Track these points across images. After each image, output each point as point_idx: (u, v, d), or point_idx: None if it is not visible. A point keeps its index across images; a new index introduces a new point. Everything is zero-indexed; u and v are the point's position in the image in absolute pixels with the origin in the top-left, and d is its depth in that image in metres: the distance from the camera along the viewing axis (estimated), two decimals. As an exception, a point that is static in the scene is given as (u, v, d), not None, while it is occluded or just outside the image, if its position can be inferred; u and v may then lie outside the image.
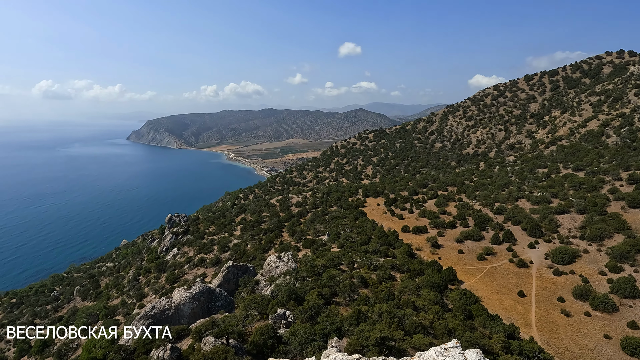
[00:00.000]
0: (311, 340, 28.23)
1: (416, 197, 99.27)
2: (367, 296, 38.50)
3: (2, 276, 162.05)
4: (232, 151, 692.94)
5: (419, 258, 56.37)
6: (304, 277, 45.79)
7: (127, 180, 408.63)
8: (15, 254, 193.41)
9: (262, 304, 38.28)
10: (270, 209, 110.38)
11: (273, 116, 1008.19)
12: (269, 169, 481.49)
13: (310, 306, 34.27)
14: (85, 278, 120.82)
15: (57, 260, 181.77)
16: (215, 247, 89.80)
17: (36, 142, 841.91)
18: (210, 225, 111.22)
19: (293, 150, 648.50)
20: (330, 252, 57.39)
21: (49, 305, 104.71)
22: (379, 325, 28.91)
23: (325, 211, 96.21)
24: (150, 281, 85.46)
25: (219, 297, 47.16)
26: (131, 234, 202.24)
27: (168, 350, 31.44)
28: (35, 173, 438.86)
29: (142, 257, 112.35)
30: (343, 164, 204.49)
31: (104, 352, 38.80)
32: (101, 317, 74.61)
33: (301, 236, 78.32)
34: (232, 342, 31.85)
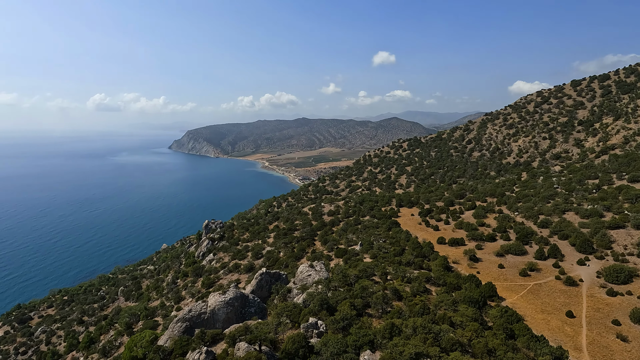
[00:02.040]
0: (343, 351, 27.86)
1: (452, 207, 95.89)
2: (400, 309, 37.47)
3: (57, 275, 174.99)
4: (266, 160, 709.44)
5: (455, 271, 54.14)
6: (336, 287, 45.46)
7: (168, 187, 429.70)
8: (69, 254, 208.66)
9: (294, 312, 38.39)
10: (303, 217, 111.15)
11: (306, 125, 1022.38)
12: (302, 177, 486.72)
13: (342, 317, 33.90)
14: (128, 279, 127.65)
15: (104, 262, 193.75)
16: (249, 253, 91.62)
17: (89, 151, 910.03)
18: (244, 232, 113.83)
19: (326, 159, 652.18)
20: (362, 263, 56.66)
21: (96, 303, 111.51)
22: (414, 340, 27.99)
23: (357, 220, 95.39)
24: (187, 285, 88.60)
25: (252, 303, 47.87)
26: (171, 239, 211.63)
27: (203, 354, 32.25)
28: (87, 179, 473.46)
29: (181, 262, 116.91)
30: (376, 173, 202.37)
31: (143, 351, 40.59)
32: (142, 318, 78.16)
33: (333, 245, 78.04)
34: (265, 349, 32.14)
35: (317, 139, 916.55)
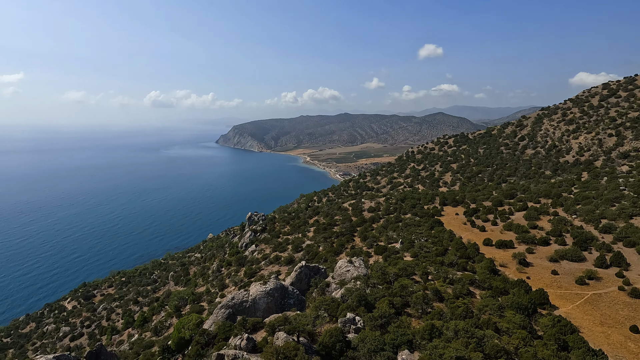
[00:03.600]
0: (380, 349, 27.66)
1: (501, 208, 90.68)
2: (441, 311, 36.35)
3: (116, 258, 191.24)
4: (307, 155, 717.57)
5: (502, 275, 51.31)
6: (375, 284, 45.11)
7: (215, 180, 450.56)
8: (128, 239, 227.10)
9: (332, 307, 38.72)
10: (343, 212, 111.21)
11: (348, 121, 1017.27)
12: (343, 173, 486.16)
13: (380, 314, 33.61)
14: (177, 265, 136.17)
15: (157, 248, 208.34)
16: (289, 246, 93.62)
17: (145, 145, 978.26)
18: (285, 225, 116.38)
19: (367, 155, 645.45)
20: (402, 261, 55.60)
21: (149, 286, 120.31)
22: (455, 343, 27.06)
23: (398, 218, 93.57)
24: (230, 273, 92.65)
25: (292, 295, 48.96)
26: (216, 229, 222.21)
27: (245, 340, 33.63)
28: (144, 171, 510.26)
29: (225, 251, 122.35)
30: (419, 170, 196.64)
31: (190, 333, 43.21)
32: (189, 302, 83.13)
33: (373, 242, 77.33)
34: (303, 340, 32.81)
35: (358, 134, 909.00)
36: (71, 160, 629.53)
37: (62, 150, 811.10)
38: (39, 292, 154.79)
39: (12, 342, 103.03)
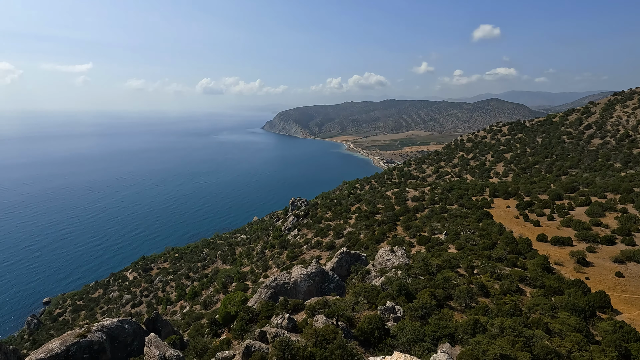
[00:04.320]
0: (420, 340, 27.37)
1: (560, 202, 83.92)
2: (486, 306, 34.96)
3: (171, 236, 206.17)
4: (351, 142, 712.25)
5: (557, 274, 47.89)
6: (416, 275, 44.38)
7: (260, 164, 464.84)
8: (181, 219, 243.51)
9: (371, 294, 38.82)
10: (386, 201, 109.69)
11: (394, 107, 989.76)
12: (387, 160, 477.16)
13: (421, 305, 33.14)
14: (225, 245, 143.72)
15: (207, 227, 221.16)
16: (330, 232, 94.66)
17: (197, 130, 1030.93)
18: (327, 211, 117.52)
19: (413, 143, 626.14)
20: (446, 253, 53.95)
21: (199, 263, 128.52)
22: (500, 341, 25.99)
23: (444, 208, 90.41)
24: (274, 255, 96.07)
25: (332, 280, 49.75)
26: (261, 212, 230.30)
27: (286, 320, 34.93)
28: (195, 155, 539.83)
29: (269, 234, 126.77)
30: (468, 159, 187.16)
31: (236, 309, 45.75)
32: (235, 280, 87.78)
33: (416, 232, 75.71)
34: (342, 324, 33.40)
35: (404, 121, 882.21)
36: (132, 143, 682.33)
37: (125, 134, 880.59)
38: (106, 263, 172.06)
39: (84, 305, 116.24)
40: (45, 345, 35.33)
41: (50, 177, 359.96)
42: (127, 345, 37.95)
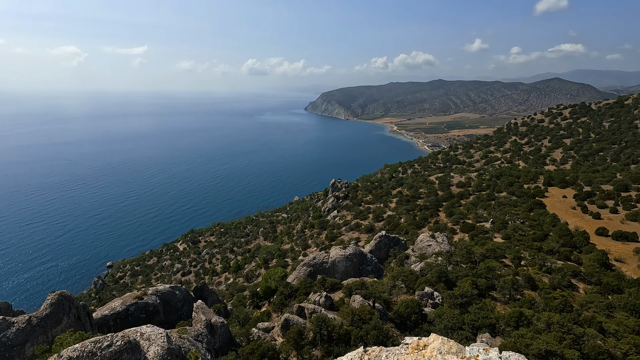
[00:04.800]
0: (459, 327, 26.89)
1: (626, 193, 76.22)
2: (533, 299, 33.32)
3: (218, 212, 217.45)
4: (395, 124, 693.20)
5: (617, 271, 44.11)
6: (458, 262, 43.19)
7: (302, 145, 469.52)
8: (227, 196, 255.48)
9: (410, 279, 38.52)
10: (429, 186, 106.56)
11: (442, 88, 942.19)
12: (432, 144, 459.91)
13: (461, 293, 32.37)
14: (267, 223, 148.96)
15: (250, 205, 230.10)
16: (370, 215, 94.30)
17: (242, 111, 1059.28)
18: (367, 194, 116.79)
19: (461, 126, 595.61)
20: (492, 242, 51.72)
21: (243, 238, 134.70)
22: (546, 336, 24.77)
23: (491, 196, 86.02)
24: (313, 235, 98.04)
25: (370, 262, 49.94)
26: (302, 192, 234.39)
27: (323, 297, 35.88)
28: (240, 135, 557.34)
29: (309, 214, 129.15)
30: (522, 145, 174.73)
31: (276, 284, 47.68)
32: (276, 257, 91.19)
33: (459, 219, 73.10)
34: (378, 306, 33.66)
35: (452, 103, 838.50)
36: (182, 123, 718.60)
37: (175, 114, 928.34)
38: (160, 234, 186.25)
39: (141, 270, 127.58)
40: (108, 303, 39.55)
41: (112, 153, 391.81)
42: (178, 309, 41.31)
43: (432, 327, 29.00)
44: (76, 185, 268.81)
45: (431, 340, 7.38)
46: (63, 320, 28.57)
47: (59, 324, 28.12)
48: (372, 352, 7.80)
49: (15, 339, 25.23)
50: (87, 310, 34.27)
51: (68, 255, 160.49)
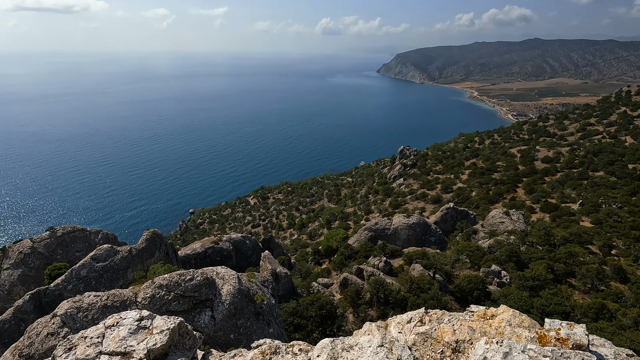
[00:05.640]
0: (526, 310, 25.40)
1: None
2: (620, 292, 29.80)
3: (287, 173, 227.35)
4: (475, 89, 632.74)
5: None
6: (533, 243, 39.98)
7: (372, 110, 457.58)
8: (296, 157, 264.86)
9: (475, 254, 36.93)
10: (508, 159, 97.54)
11: (537, 48, 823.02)
12: (517, 113, 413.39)
13: (534, 275, 30.23)
14: (332, 185, 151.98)
15: (317, 167, 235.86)
16: (438, 185, 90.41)
17: (313, 72, 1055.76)
18: (437, 163, 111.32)
19: (555, 93, 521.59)
20: (577, 226, 46.49)
21: (308, 198, 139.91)
22: (631, 333, 22.27)
23: (584, 174, 75.96)
24: (377, 201, 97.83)
25: (434, 233, 48.69)
26: (368, 157, 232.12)
27: (382, 262, 36.35)
28: (310, 97, 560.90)
29: (374, 180, 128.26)
30: (633, 117, 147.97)
31: (337, 245, 49.33)
32: (338, 218, 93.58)
33: (541, 197, 66.46)
34: (438, 277, 33.17)
35: (548, 66, 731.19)
36: (256, 83, 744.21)
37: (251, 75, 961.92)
38: (235, 189, 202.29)
39: (217, 219, 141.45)
40: (190, 245, 45.05)
41: (195, 111, 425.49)
42: (247, 257, 45.48)
43: (495, 306, 27.89)
44: (166, 139, 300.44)
45: (500, 311, 7.10)
46: (155, 254, 33.44)
47: (152, 256, 33.02)
48: (433, 314, 7.72)
49: (120, 265, 30.41)
50: (174, 248, 39.54)
51: (159, 200, 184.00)
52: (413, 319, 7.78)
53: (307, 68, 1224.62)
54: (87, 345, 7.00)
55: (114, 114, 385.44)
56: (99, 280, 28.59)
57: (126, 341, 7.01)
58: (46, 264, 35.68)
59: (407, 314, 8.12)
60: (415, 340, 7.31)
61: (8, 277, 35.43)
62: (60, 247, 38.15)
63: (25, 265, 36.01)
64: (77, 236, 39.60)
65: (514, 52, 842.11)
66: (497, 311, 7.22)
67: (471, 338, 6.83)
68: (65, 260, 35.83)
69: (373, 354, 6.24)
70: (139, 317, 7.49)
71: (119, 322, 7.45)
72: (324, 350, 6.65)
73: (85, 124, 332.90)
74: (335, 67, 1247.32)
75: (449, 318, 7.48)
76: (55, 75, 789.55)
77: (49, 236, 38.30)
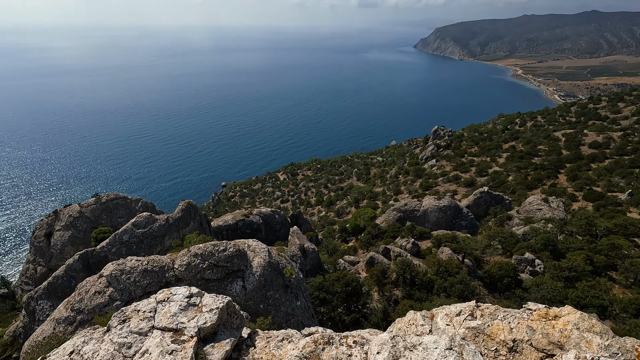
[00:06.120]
0: (559, 301, 24.57)
1: None
2: (667, 290, 27.99)
3: (317, 151, 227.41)
4: (520, 67, 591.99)
5: None
6: (572, 233, 38.05)
7: (406, 87, 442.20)
8: (325, 134, 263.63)
9: (508, 241, 35.78)
10: (552, 143, 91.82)
11: (595, 22, 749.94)
12: (565, 93, 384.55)
13: (570, 266, 28.98)
14: (361, 164, 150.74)
15: (346, 145, 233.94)
16: (472, 168, 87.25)
17: (347, 47, 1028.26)
18: (473, 145, 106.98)
19: (611, 72, 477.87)
20: (624, 217, 43.55)
21: (337, 176, 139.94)
22: (675, 332, 21.00)
23: (637, 162, 70.30)
24: (406, 182, 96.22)
25: (465, 217, 47.49)
26: (400, 137, 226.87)
27: (410, 244, 36.09)
28: (342, 73, 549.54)
29: (405, 160, 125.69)
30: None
31: (364, 224, 49.39)
32: (367, 197, 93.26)
33: (584, 184, 62.56)
34: (467, 262, 32.57)
35: (605, 42, 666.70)
36: (289, 59, 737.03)
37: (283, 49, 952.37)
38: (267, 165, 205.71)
39: (248, 193, 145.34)
40: (222, 216, 46.79)
41: (228, 86, 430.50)
42: (276, 231, 46.68)
43: (525, 294, 27.14)
44: (201, 113, 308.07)
45: (565, 312, 6.57)
46: (190, 224, 35.08)
47: (187, 226, 34.67)
48: (485, 308, 7.30)
49: (158, 232, 32.23)
50: (207, 219, 41.23)
51: (194, 172, 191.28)
52: (463, 312, 7.46)
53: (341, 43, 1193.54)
54: (140, 319, 7.31)
55: (152, 88, 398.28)
56: (139, 246, 30.56)
57: (177, 317, 7.22)
58: (92, 228, 38.54)
59: (455, 305, 7.82)
60: (465, 335, 6.99)
61: (60, 238, 38.69)
62: (105, 212, 40.91)
63: (74, 227, 39.06)
64: (119, 203, 42.21)
65: (566, 26, 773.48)
66: (560, 312, 6.68)
67: (530, 339, 6.39)
68: (109, 225, 38.50)
69: (441, 357, 5.76)
70: (188, 293, 7.72)
71: (170, 298, 7.70)
72: (384, 347, 6.19)
73: (125, 97, 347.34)
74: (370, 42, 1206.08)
75: (503, 314, 7.10)
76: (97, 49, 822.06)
77: (94, 202, 41.11)
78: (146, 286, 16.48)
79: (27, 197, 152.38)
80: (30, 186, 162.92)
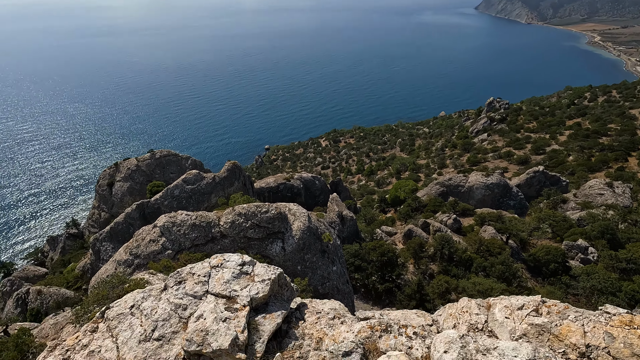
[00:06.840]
0: (611, 293, 23.05)
1: None
2: None
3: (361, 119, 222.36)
4: (598, 33, 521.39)
5: None
6: (637, 222, 34.80)
7: (461, 53, 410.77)
8: (371, 102, 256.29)
9: (560, 225, 33.60)
10: (626, 121, 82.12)
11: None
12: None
13: (628, 257, 26.79)
14: (406, 135, 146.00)
15: (392, 114, 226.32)
16: (528, 145, 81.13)
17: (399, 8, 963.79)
18: (531, 120, 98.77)
19: None
20: None
21: (380, 146, 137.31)
22: None
23: None
24: (453, 155, 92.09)
25: (514, 197, 45.02)
26: (449, 108, 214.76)
27: (451, 220, 35.16)
28: (392, 36, 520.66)
29: (453, 132, 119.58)
30: None
31: (405, 195, 48.60)
32: (409, 169, 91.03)
33: (660, 171, 55.93)
34: (511, 243, 31.25)
35: None
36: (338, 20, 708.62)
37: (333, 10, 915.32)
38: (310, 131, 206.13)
39: (290, 157, 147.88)
40: (264, 179, 48.26)
41: (274, 49, 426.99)
42: (316, 197, 47.47)
43: (573, 282, 25.72)
44: (248, 75, 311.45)
45: None
46: (234, 184, 36.65)
47: (232, 185, 36.27)
48: (553, 305, 6.79)
49: (205, 189, 34.12)
50: (250, 180, 42.80)
51: (239, 134, 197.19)
52: (526, 306, 6.91)
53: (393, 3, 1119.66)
54: (194, 282, 7.54)
55: (201, 48, 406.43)
56: (188, 201, 32.69)
57: (230, 285, 7.36)
58: (147, 181, 41.67)
59: (517, 298, 7.30)
60: (526, 331, 6.48)
61: (120, 188, 42.39)
62: (158, 167, 43.87)
63: (132, 180, 42.49)
64: (171, 160, 44.94)
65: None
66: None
67: (609, 346, 5.68)
68: (162, 179, 41.38)
69: None
70: (241, 261, 7.90)
71: (223, 264, 7.86)
72: (453, 347, 5.62)
73: (176, 57, 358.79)
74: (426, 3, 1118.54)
75: (575, 315, 6.50)
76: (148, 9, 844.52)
77: (149, 157, 44.11)
78: (194, 239, 17.75)
79: (92, 149, 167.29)
80: (94, 139, 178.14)
